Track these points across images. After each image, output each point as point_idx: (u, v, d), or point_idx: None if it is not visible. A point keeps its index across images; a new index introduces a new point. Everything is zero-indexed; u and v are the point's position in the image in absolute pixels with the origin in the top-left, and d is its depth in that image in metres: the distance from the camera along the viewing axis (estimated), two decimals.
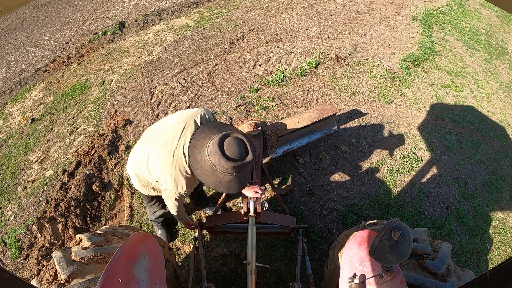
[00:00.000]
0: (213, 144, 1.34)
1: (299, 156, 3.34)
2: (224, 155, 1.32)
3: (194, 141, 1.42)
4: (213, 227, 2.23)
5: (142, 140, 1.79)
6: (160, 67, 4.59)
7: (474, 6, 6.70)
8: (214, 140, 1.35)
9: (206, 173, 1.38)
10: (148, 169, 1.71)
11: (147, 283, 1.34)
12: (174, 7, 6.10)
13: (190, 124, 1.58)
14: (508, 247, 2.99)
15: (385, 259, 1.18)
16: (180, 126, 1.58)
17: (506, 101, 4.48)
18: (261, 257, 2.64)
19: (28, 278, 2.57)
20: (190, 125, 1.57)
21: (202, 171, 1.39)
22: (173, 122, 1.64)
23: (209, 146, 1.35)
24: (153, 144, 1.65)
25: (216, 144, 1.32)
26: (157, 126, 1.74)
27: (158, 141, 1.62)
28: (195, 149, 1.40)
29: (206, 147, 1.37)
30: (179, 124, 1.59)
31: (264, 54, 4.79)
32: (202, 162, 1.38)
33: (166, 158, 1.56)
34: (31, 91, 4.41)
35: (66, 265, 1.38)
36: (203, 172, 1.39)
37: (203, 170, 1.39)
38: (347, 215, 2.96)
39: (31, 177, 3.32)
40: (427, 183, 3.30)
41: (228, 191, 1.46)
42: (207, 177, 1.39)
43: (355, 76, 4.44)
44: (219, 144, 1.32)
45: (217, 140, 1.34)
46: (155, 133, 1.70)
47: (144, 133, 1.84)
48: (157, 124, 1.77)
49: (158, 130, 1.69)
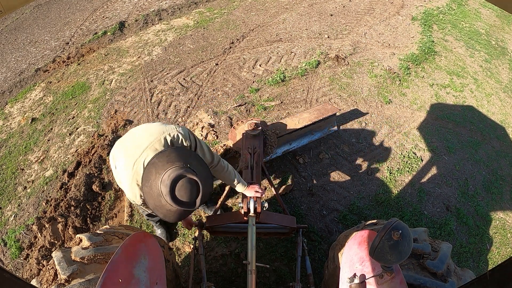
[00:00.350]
0: (168, 176, 1.31)
1: (299, 156, 3.34)
2: (172, 194, 1.30)
3: (156, 160, 1.39)
4: (213, 227, 2.23)
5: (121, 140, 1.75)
6: (160, 67, 4.59)
7: (474, 6, 6.70)
8: (171, 174, 1.31)
9: (152, 194, 1.37)
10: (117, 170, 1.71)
11: (147, 283, 1.34)
12: (174, 7, 6.10)
13: (160, 140, 1.54)
14: (508, 247, 2.99)
15: (385, 259, 1.18)
16: (148, 138, 1.54)
17: (506, 101, 4.48)
18: (261, 257, 2.64)
19: (28, 278, 2.57)
20: (158, 141, 1.53)
21: (149, 190, 1.38)
22: (145, 132, 1.59)
23: (165, 176, 1.33)
24: (124, 147, 1.64)
25: (171, 179, 1.30)
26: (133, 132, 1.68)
27: (128, 146, 1.60)
28: (153, 168, 1.38)
29: (163, 173, 1.34)
30: (149, 136, 1.55)
31: (264, 54, 4.79)
32: (153, 183, 1.36)
33: (129, 167, 1.55)
34: (31, 91, 4.41)
35: (66, 265, 1.38)
36: (150, 191, 1.38)
37: (150, 190, 1.37)
38: (347, 215, 2.96)
39: (31, 177, 3.32)
40: (427, 183, 3.30)
41: (164, 218, 1.44)
42: (150, 197, 1.38)
43: (355, 76, 4.44)
44: (173, 180, 1.30)
45: (173, 175, 1.30)
46: (128, 139, 1.66)
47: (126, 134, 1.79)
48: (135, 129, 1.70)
49: (133, 135, 1.65)
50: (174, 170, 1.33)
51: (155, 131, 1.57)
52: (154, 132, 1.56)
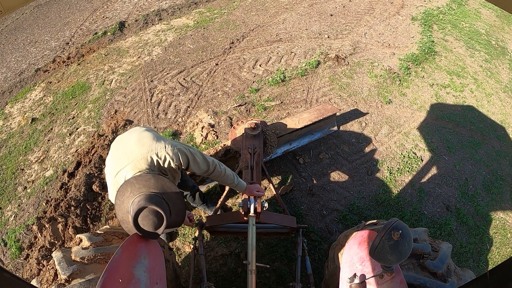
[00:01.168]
0: (137, 203, 1.38)
1: (299, 156, 3.34)
2: (135, 222, 1.37)
3: (134, 180, 1.45)
4: (213, 227, 2.23)
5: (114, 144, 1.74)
6: (160, 67, 4.59)
7: (474, 6, 6.69)
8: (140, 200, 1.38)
9: (122, 209, 1.46)
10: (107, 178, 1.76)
11: (147, 283, 1.34)
12: (174, 7, 6.10)
13: (146, 158, 1.55)
14: (508, 247, 2.99)
15: (385, 259, 1.18)
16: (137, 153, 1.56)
17: (506, 101, 4.48)
18: (261, 257, 2.64)
19: (28, 278, 2.57)
20: (144, 159, 1.55)
21: (120, 204, 1.46)
22: (135, 145, 1.59)
23: (136, 199, 1.40)
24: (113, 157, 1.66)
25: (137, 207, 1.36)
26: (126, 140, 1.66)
27: (115, 156, 1.63)
28: (129, 187, 1.44)
29: (135, 197, 1.41)
30: (137, 151, 1.56)
31: (264, 54, 4.79)
32: (125, 200, 1.44)
33: (111, 176, 1.62)
34: (31, 91, 4.41)
35: (66, 265, 1.38)
36: (121, 205, 1.46)
37: (122, 205, 1.46)
38: (347, 215, 2.96)
39: (31, 177, 3.32)
40: (427, 183, 3.30)
41: (128, 232, 1.52)
42: (120, 211, 1.47)
43: (355, 76, 4.44)
44: (137, 209, 1.36)
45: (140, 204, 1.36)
46: (121, 146, 1.66)
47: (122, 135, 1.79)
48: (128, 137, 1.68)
49: (124, 143, 1.64)
50: (144, 198, 1.39)
51: (144, 148, 1.57)
52: (143, 149, 1.57)
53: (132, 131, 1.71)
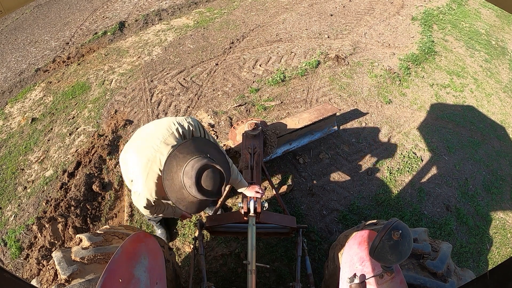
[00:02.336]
0: (191, 167, 1.32)
1: (299, 156, 3.34)
2: (198, 185, 1.31)
3: (177, 152, 1.40)
4: (213, 227, 2.23)
5: (129, 142, 1.78)
6: (160, 67, 4.59)
7: (474, 6, 6.69)
8: (194, 164, 1.32)
9: (174, 187, 1.38)
10: (128, 168, 1.74)
11: (147, 283, 1.34)
12: (174, 7, 6.10)
13: (173, 134, 1.56)
14: (508, 247, 2.99)
15: (385, 259, 1.18)
16: (160, 134, 1.56)
17: (506, 101, 4.48)
18: (261, 257, 2.64)
19: (28, 278, 2.57)
20: (172, 135, 1.55)
21: (170, 183, 1.38)
22: (157, 127, 1.61)
23: (187, 166, 1.33)
24: (135, 147, 1.66)
25: (195, 170, 1.30)
26: (144, 129, 1.72)
27: (140, 146, 1.62)
28: (174, 160, 1.38)
29: (185, 165, 1.35)
30: (161, 131, 1.57)
31: (264, 54, 4.79)
32: (174, 176, 1.37)
33: (142, 164, 1.56)
34: (31, 91, 4.41)
35: (66, 265, 1.38)
36: (171, 184, 1.38)
37: (172, 183, 1.38)
38: (347, 215, 2.96)
39: (31, 177, 3.32)
40: (427, 183, 3.30)
41: (186, 210, 1.45)
42: (172, 190, 1.39)
43: (355, 76, 4.44)
44: (197, 171, 1.30)
45: (197, 166, 1.31)
46: (139, 137, 1.69)
47: (133, 134, 1.83)
48: (145, 127, 1.74)
49: (143, 133, 1.68)
50: (197, 160, 1.33)
51: (166, 125, 1.58)
52: (165, 126, 1.58)
53: (142, 128, 1.74)
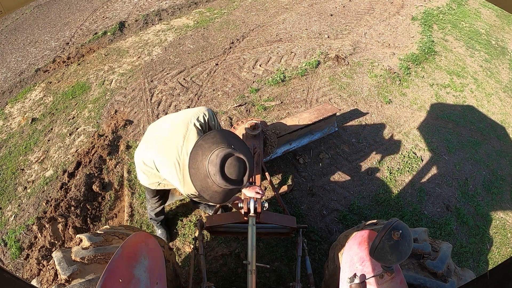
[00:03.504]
0: (216, 156, 1.36)
1: (299, 156, 3.34)
2: (222, 172, 1.34)
3: (202, 141, 1.44)
4: (213, 227, 2.23)
5: (147, 142, 1.79)
6: (160, 67, 4.59)
7: (474, 6, 6.69)
8: (219, 153, 1.36)
9: (199, 175, 1.41)
10: (157, 171, 1.76)
11: (147, 283, 1.34)
12: (174, 7, 6.10)
13: (192, 129, 1.59)
14: (508, 246, 2.99)
15: (385, 259, 1.17)
16: (181, 131, 1.59)
17: (506, 101, 4.48)
18: (261, 257, 2.64)
19: (28, 278, 2.57)
20: (192, 131, 1.58)
21: (195, 172, 1.41)
22: (175, 125, 1.64)
23: (212, 155, 1.37)
24: (157, 149, 1.67)
25: (220, 158, 1.34)
26: (160, 127, 1.74)
27: (162, 147, 1.64)
28: (199, 149, 1.42)
29: (210, 154, 1.38)
30: (181, 128, 1.60)
31: (264, 54, 4.79)
32: (199, 164, 1.40)
33: (171, 166, 1.58)
34: (31, 91, 4.41)
35: (66, 265, 1.38)
36: (196, 173, 1.41)
37: (197, 172, 1.41)
38: (347, 215, 2.96)
39: (31, 177, 3.32)
40: (427, 183, 3.30)
41: (211, 200, 1.48)
42: (197, 179, 1.41)
43: (355, 76, 4.44)
44: (222, 159, 1.34)
45: (222, 154, 1.35)
46: (158, 136, 1.70)
47: (147, 131, 1.84)
48: (160, 123, 1.77)
49: (161, 132, 1.69)
50: (222, 150, 1.37)
51: (184, 123, 1.60)
52: (183, 125, 1.60)
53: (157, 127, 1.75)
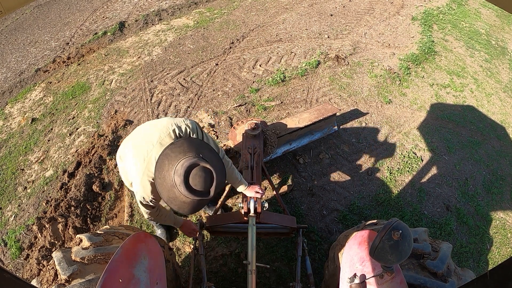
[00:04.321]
0: (181, 166, 1.30)
1: (299, 156, 3.34)
2: (186, 183, 1.29)
3: (169, 151, 1.38)
4: (213, 227, 2.23)
5: (127, 139, 1.80)
6: (160, 67, 4.59)
7: (474, 6, 6.69)
8: (185, 162, 1.31)
9: (166, 186, 1.35)
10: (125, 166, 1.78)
11: (147, 283, 1.34)
12: (174, 7, 6.10)
13: (169, 133, 1.56)
14: (508, 246, 2.99)
15: (385, 259, 1.17)
16: (157, 133, 1.57)
17: (506, 101, 4.48)
18: (261, 257, 2.64)
19: (28, 278, 2.57)
20: (168, 135, 1.55)
21: (162, 182, 1.36)
22: (153, 127, 1.61)
23: (178, 165, 1.31)
24: (131, 145, 1.67)
25: (184, 168, 1.28)
26: (144, 127, 1.73)
27: (136, 144, 1.64)
28: (166, 159, 1.36)
29: (176, 163, 1.33)
30: (157, 131, 1.58)
31: (264, 54, 4.79)
32: (166, 174, 1.35)
33: (139, 163, 1.56)
34: (31, 91, 4.41)
35: (66, 265, 1.38)
36: (163, 183, 1.36)
37: (164, 182, 1.35)
38: (347, 215, 2.96)
39: (31, 177, 3.32)
40: (427, 183, 3.30)
41: (179, 210, 1.41)
42: (164, 189, 1.36)
43: (355, 76, 4.44)
44: (186, 169, 1.28)
45: (187, 164, 1.29)
46: (137, 135, 1.70)
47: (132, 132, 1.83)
48: (144, 125, 1.76)
49: (142, 131, 1.69)
50: (187, 159, 1.32)
51: (164, 125, 1.59)
52: (162, 127, 1.59)
53: (141, 127, 1.75)
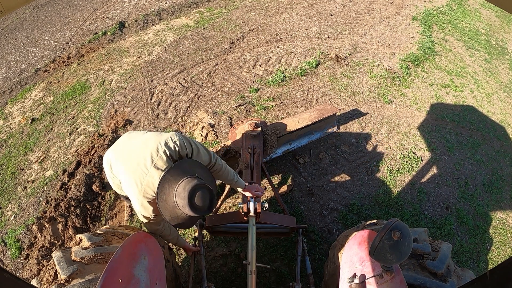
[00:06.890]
0: (183, 189, 1.42)
1: (299, 156, 3.34)
2: (191, 205, 1.41)
3: (168, 176, 1.50)
4: (213, 227, 2.23)
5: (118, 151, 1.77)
6: (160, 67, 4.59)
7: (474, 6, 6.69)
8: (186, 186, 1.43)
9: (168, 207, 1.48)
10: (115, 176, 1.79)
11: (147, 283, 1.34)
12: (174, 7, 6.10)
13: (161, 157, 1.59)
14: (508, 247, 2.99)
15: (385, 259, 1.18)
16: (148, 156, 1.59)
17: (506, 101, 4.48)
18: (261, 257, 2.64)
19: (28, 278, 2.57)
20: (160, 158, 1.59)
21: (164, 204, 1.49)
22: (143, 148, 1.63)
23: (179, 188, 1.44)
24: (124, 162, 1.67)
25: (187, 191, 1.41)
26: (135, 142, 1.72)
27: (128, 164, 1.65)
28: (166, 183, 1.49)
29: (176, 186, 1.45)
30: (148, 153, 1.60)
31: (264, 54, 4.79)
32: (167, 197, 1.47)
33: (134, 185, 1.61)
34: (31, 91, 4.41)
35: (66, 265, 1.38)
36: (165, 205, 1.49)
37: (166, 204, 1.48)
38: (347, 215, 2.96)
39: (31, 177, 3.32)
40: (427, 183, 3.30)
41: (178, 227, 1.58)
42: (166, 210, 1.49)
43: (355, 76, 4.44)
44: (190, 192, 1.41)
45: (189, 187, 1.42)
46: (130, 151, 1.69)
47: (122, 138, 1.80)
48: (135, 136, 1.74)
49: (133, 147, 1.68)
50: (187, 182, 1.44)
51: (153, 147, 1.61)
52: (152, 149, 1.60)
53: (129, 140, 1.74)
